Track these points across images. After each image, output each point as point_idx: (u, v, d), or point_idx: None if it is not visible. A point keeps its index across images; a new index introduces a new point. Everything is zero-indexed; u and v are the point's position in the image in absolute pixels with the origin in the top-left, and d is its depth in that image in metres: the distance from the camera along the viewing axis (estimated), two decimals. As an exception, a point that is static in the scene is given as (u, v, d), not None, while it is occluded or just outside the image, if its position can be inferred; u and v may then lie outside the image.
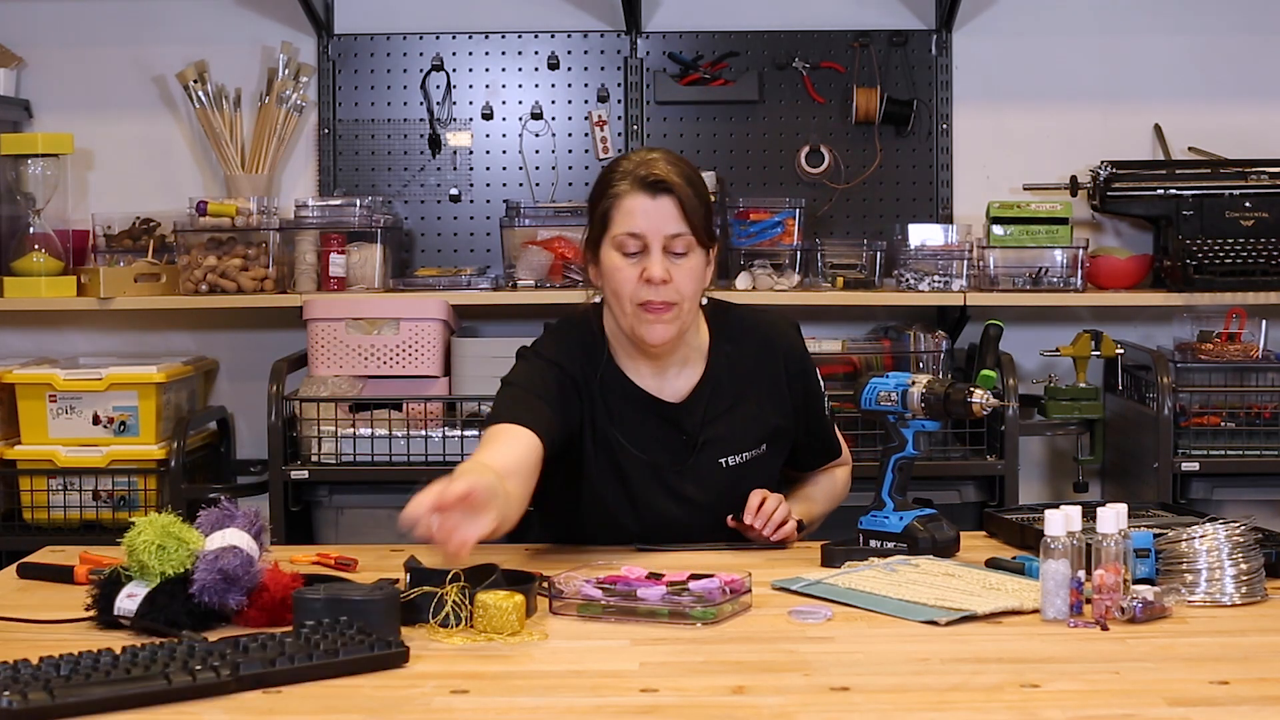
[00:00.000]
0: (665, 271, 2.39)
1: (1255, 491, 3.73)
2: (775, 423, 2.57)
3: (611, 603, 2.05)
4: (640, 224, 2.40)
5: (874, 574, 2.24)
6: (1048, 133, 4.16)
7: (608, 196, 2.43)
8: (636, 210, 2.40)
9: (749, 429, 2.54)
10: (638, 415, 2.50)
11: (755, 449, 2.54)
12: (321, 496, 3.71)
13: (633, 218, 2.40)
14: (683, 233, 2.41)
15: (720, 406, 2.53)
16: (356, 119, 4.18)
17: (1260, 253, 3.82)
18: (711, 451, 2.52)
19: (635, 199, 2.40)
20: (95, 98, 4.18)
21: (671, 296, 2.40)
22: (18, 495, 3.77)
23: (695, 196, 2.42)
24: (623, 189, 2.42)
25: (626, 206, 2.41)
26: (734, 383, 2.55)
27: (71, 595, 2.16)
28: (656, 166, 2.42)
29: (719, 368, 2.55)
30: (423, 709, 1.69)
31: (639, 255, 2.41)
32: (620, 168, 2.45)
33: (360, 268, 3.93)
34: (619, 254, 2.42)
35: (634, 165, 2.43)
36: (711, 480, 2.52)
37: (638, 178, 2.41)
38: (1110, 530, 2.01)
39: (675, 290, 2.40)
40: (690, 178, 2.44)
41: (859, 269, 3.93)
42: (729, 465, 2.52)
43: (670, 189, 2.40)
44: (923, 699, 1.70)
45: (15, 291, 3.85)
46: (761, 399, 2.56)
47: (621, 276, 2.41)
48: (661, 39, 4.15)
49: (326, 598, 1.92)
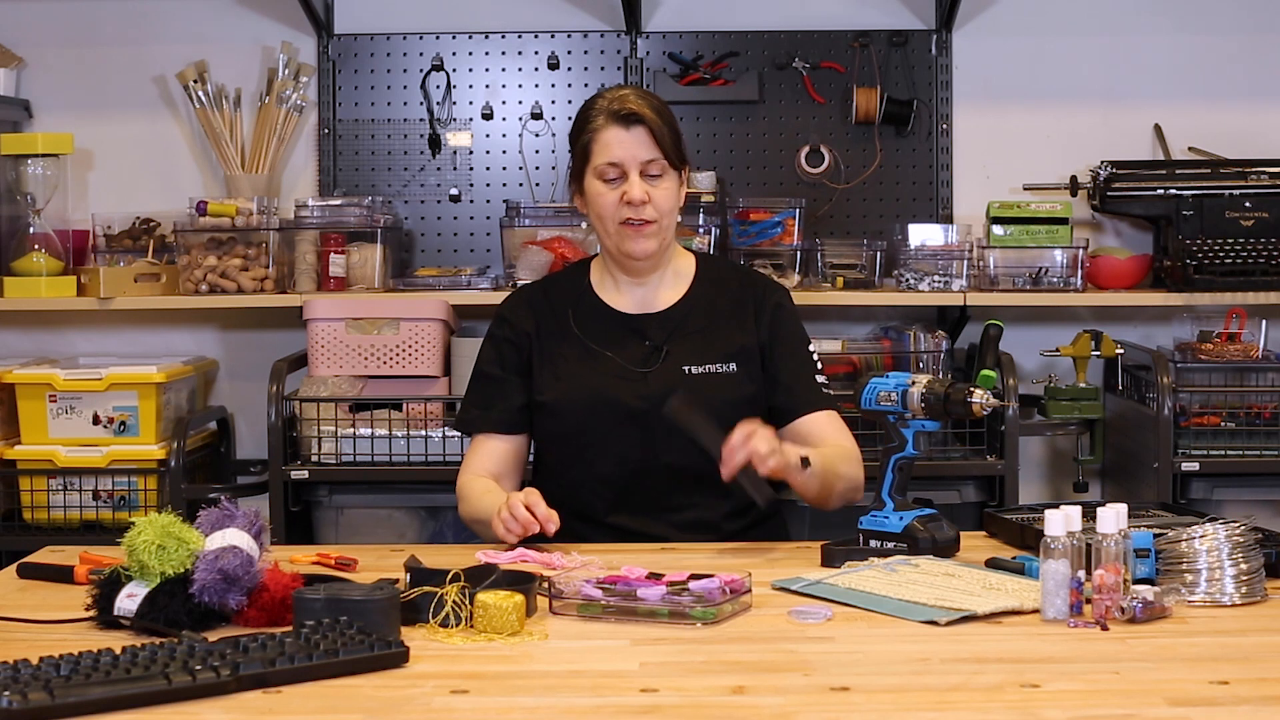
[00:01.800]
0: (644, 193, 2.66)
1: (1255, 491, 3.73)
2: (742, 342, 2.73)
3: (611, 603, 2.05)
4: (617, 153, 2.66)
5: (874, 574, 2.24)
6: (1048, 133, 4.16)
7: (586, 132, 2.69)
8: (613, 141, 2.66)
9: (715, 345, 2.72)
10: (610, 329, 2.73)
11: (720, 364, 2.70)
12: (321, 496, 3.71)
13: (610, 148, 2.66)
14: (656, 158, 2.67)
15: (691, 326, 2.74)
16: (356, 119, 4.18)
17: (1260, 253, 3.82)
18: (675, 359, 2.70)
19: (611, 131, 2.67)
20: (95, 98, 4.18)
21: (650, 215, 2.67)
22: (18, 495, 3.77)
23: (665, 125, 2.68)
24: (600, 123, 2.67)
25: (604, 139, 2.67)
26: (709, 310, 2.75)
27: (71, 595, 2.16)
28: (629, 101, 2.68)
29: (697, 295, 2.77)
30: (423, 709, 1.69)
31: (618, 180, 2.67)
32: (595, 105, 2.70)
33: (360, 268, 3.93)
34: (600, 181, 2.68)
35: (608, 102, 2.69)
36: (673, 384, 2.65)
37: (612, 112, 2.67)
38: (1110, 530, 2.01)
39: (653, 209, 2.67)
40: (659, 109, 2.70)
41: (859, 269, 3.93)
42: (692, 373, 2.69)
43: (642, 120, 2.66)
44: (923, 699, 1.70)
45: (15, 291, 3.85)
46: (732, 327, 2.74)
47: (604, 201, 2.67)
48: (661, 39, 4.15)
49: (326, 598, 1.92)
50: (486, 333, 2.83)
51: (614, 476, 2.68)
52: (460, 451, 3.63)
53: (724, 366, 2.70)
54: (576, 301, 2.78)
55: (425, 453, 3.65)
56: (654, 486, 2.67)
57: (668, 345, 2.71)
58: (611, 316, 2.76)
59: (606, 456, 2.67)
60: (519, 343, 2.76)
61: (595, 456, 2.68)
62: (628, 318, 2.75)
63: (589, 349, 2.72)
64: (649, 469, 2.66)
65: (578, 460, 2.70)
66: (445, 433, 3.67)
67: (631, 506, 2.68)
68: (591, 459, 2.68)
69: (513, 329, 2.77)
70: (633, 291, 2.77)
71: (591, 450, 2.68)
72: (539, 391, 2.73)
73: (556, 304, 2.78)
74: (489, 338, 2.81)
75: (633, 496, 2.67)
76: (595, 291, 2.78)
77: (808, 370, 2.74)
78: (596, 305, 2.77)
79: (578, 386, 2.68)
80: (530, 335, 2.75)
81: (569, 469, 2.71)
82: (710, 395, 2.64)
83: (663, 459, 2.65)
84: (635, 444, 2.65)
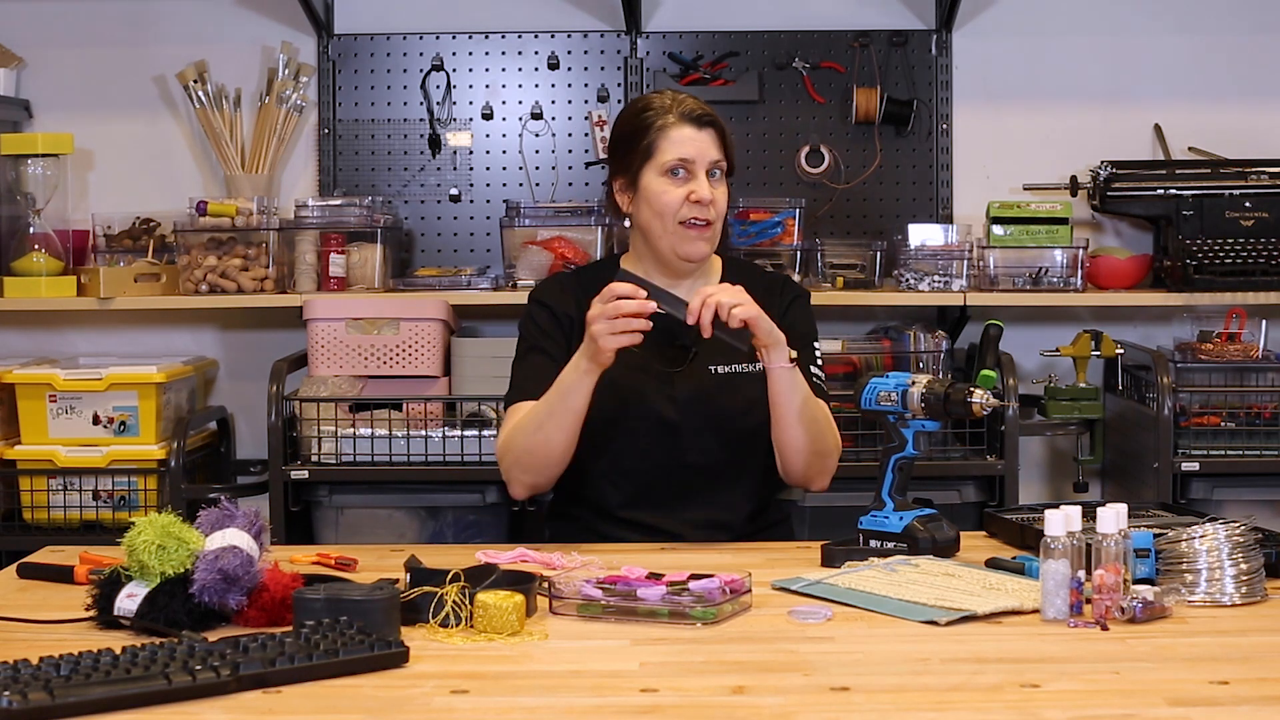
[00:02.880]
0: (710, 193, 2.68)
1: (1255, 491, 3.73)
2: None
3: (611, 603, 2.05)
4: (689, 150, 2.68)
5: (874, 574, 2.24)
6: (1048, 133, 4.16)
7: (654, 130, 2.70)
8: (686, 140, 2.68)
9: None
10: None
11: (747, 364, 2.70)
12: (321, 496, 3.71)
13: (682, 145, 2.68)
14: (721, 159, 2.71)
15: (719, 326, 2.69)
16: (356, 119, 4.18)
17: (1260, 253, 3.82)
18: (703, 360, 2.71)
19: (683, 129, 2.69)
20: (95, 98, 4.18)
21: (711, 215, 2.69)
22: (18, 495, 3.77)
23: (726, 131, 2.76)
24: (669, 121, 2.69)
25: (675, 136, 2.68)
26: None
27: (71, 595, 2.16)
28: (694, 103, 2.73)
29: None
30: (423, 709, 1.69)
31: (685, 180, 2.68)
32: (655, 105, 2.72)
33: (360, 268, 3.93)
34: (665, 178, 2.68)
35: (672, 102, 2.72)
36: (701, 384, 2.69)
37: (682, 112, 2.70)
38: (1110, 530, 2.01)
39: (715, 209, 2.69)
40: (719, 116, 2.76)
41: (859, 269, 3.93)
42: (719, 373, 2.70)
43: (713, 122, 2.72)
44: (923, 699, 1.70)
45: (15, 291, 3.85)
46: None
47: (668, 198, 2.68)
48: (661, 39, 4.15)
49: (326, 598, 1.92)
50: (525, 315, 2.79)
51: (635, 473, 2.68)
52: (460, 451, 3.64)
53: (750, 366, 2.69)
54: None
55: (425, 453, 3.65)
56: (674, 485, 2.68)
57: (696, 346, 2.69)
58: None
59: (629, 454, 2.67)
60: (563, 324, 2.73)
61: (618, 453, 2.67)
62: (658, 316, 2.68)
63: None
64: (671, 468, 2.67)
65: (600, 455, 2.68)
66: (445, 433, 3.67)
67: (650, 503, 2.68)
68: (614, 455, 2.67)
69: (553, 312, 2.75)
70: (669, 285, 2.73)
71: (615, 446, 2.67)
72: None
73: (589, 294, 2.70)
74: (530, 319, 2.78)
75: (652, 493, 2.68)
76: None
77: (805, 358, 2.73)
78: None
79: (606, 385, 2.60)
80: (572, 319, 2.72)
81: (590, 462, 2.68)
82: (736, 395, 2.67)
83: (686, 459, 2.66)
84: (659, 444, 2.66)
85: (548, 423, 2.59)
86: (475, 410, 3.70)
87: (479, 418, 3.68)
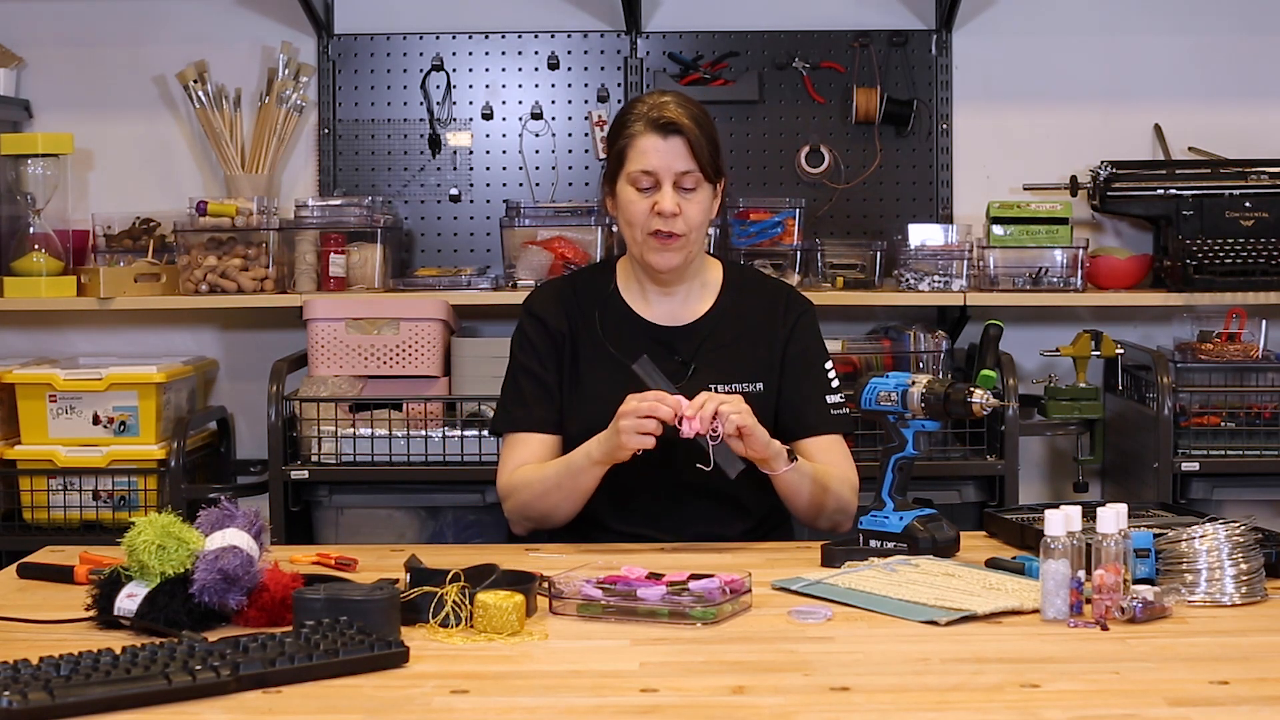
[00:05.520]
0: (675, 205, 2.59)
1: (1255, 491, 3.73)
2: (767, 358, 2.70)
3: (611, 603, 2.05)
4: (653, 162, 2.60)
5: (874, 574, 2.24)
6: (1048, 133, 4.16)
7: (624, 136, 2.63)
8: (649, 149, 2.60)
9: (743, 364, 2.68)
10: (638, 341, 2.66)
11: (748, 383, 2.66)
12: (321, 496, 3.71)
13: (646, 156, 2.60)
14: (691, 170, 2.60)
15: (719, 340, 2.69)
16: (356, 119, 4.18)
17: (1260, 253, 3.82)
18: (703, 376, 2.65)
19: (648, 139, 2.60)
20: (95, 98, 4.18)
21: (680, 228, 2.61)
22: (18, 495, 3.77)
23: (703, 137, 2.62)
24: (637, 130, 2.62)
25: (640, 146, 2.61)
26: (736, 324, 2.71)
27: (71, 595, 2.16)
28: (668, 109, 2.61)
29: (725, 307, 2.73)
30: (423, 709, 1.69)
31: (651, 190, 2.61)
32: (635, 110, 2.65)
33: (360, 268, 3.93)
34: (633, 189, 2.62)
35: (648, 108, 2.63)
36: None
37: (650, 120, 2.61)
38: (1110, 530, 2.01)
39: (683, 222, 2.61)
40: (699, 119, 2.63)
41: (859, 269, 3.93)
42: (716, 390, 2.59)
43: (680, 130, 2.60)
44: (923, 699, 1.70)
45: (15, 291, 3.85)
46: (758, 342, 2.70)
47: (635, 209, 2.62)
48: (661, 39, 4.15)
49: (326, 598, 1.92)
50: (517, 328, 2.75)
51: (630, 488, 2.62)
52: (460, 451, 3.64)
53: (750, 385, 2.65)
54: (603, 305, 2.72)
55: (425, 453, 3.65)
56: (669, 501, 2.64)
57: (695, 361, 2.66)
58: (639, 327, 2.70)
59: (625, 470, 2.56)
60: (555, 340, 2.70)
61: (615, 470, 2.58)
62: (656, 329, 2.69)
63: (618, 363, 2.61)
64: (666, 485, 2.63)
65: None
66: (445, 433, 3.67)
67: (643, 516, 2.65)
68: (611, 472, 2.58)
69: (547, 326, 2.70)
70: (661, 302, 2.72)
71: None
72: (568, 406, 2.68)
73: (585, 305, 2.71)
74: (522, 334, 2.73)
75: (647, 508, 2.64)
76: (622, 296, 2.73)
77: (819, 390, 2.69)
78: (624, 312, 2.72)
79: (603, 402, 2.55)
80: (565, 334, 2.69)
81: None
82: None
83: (683, 477, 2.58)
84: (656, 462, 2.56)
85: (554, 493, 2.59)
86: (475, 410, 3.70)
87: (479, 418, 3.68)
